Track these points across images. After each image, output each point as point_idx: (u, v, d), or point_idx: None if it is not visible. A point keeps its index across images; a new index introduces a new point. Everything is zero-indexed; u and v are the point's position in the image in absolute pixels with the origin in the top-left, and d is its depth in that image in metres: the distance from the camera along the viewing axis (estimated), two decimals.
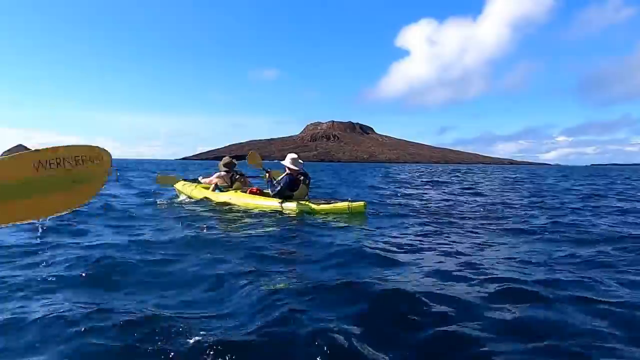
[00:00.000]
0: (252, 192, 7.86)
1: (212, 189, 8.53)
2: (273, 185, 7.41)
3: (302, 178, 7.39)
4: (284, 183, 7.24)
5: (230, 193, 8.14)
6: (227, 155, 9.40)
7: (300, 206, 7.00)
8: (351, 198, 7.17)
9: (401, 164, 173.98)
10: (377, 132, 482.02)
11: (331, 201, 7.17)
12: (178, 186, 9.55)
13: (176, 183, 9.73)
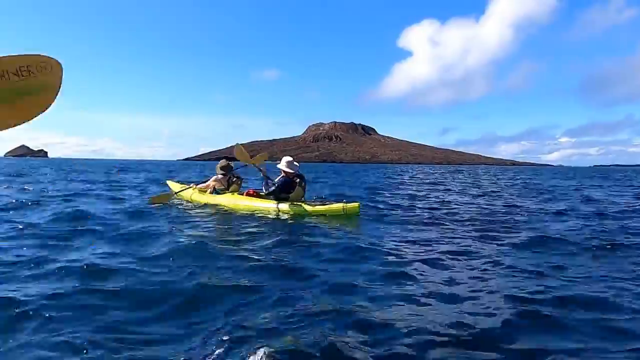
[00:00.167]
0: (249, 194, 7.93)
1: (210, 192, 8.57)
2: (267, 184, 7.51)
3: (298, 180, 7.48)
4: (280, 184, 7.33)
5: (227, 196, 8.21)
6: (225, 157, 9.27)
7: (296, 208, 7.11)
8: (346, 200, 7.25)
9: (403, 165, 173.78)
10: (379, 133, 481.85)
11: (326, 202, 7.26)
12: (175, 189, 9.49)
13: (170, 196, 9.06)
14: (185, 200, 8.91)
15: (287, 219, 6.78)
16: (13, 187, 12.21)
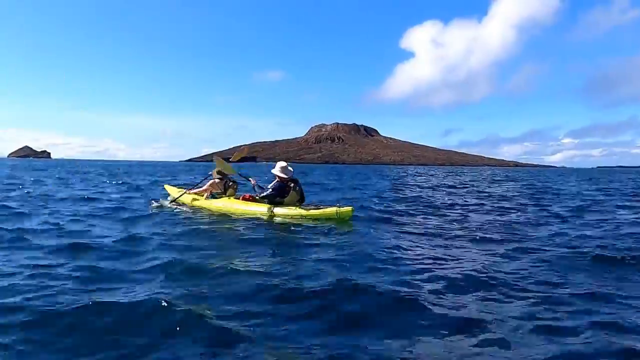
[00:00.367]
0: (245, 199, 8.02)
1: (206, 197, 8.64)
2: (261, 188, 7.72)
3: (292, 185, 7.60)
4: (275, 189, 7.50)
5: (223, 200, 8.30)
6: (226, 158, 9.41)
7: (290, 212, 7.23)
8: (339, 204, 7.37)
9: (405, 166, 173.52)
10: (382, 134, 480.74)
11: (320, 207, 7.38)
12: (173, 193, 9.68)
13: (170, 196, 9.53)
14: (183, 204, 8.96)
15: (282, 223, 6.85)
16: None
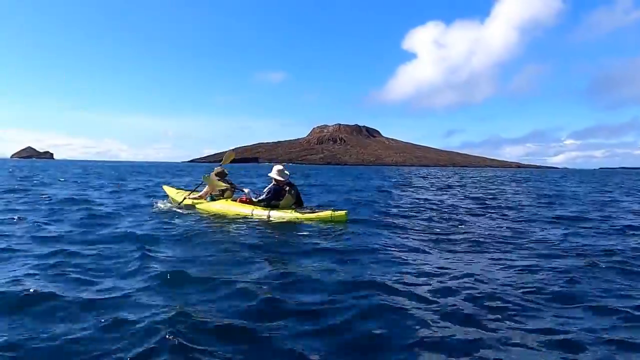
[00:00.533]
0: (242, 201, 8.17)
1: (205, 198, 8.84)
2: (256, 194, 7.97)
3: (288, 188, 7.79)
4: (271, 192, 7.65)
5: (222, 202, 8.46)
6: (220, 166, 9.65)
7: (286, 215, 7.41)
8: (334, 207, 7.51)
9: (407, 167, 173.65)
10: (384, 135, 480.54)
11: (315, 210, 7.55)
12: (172, 194, 10.03)
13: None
14: (181, 204, 9.12)
15: (278, 226, 6.96)
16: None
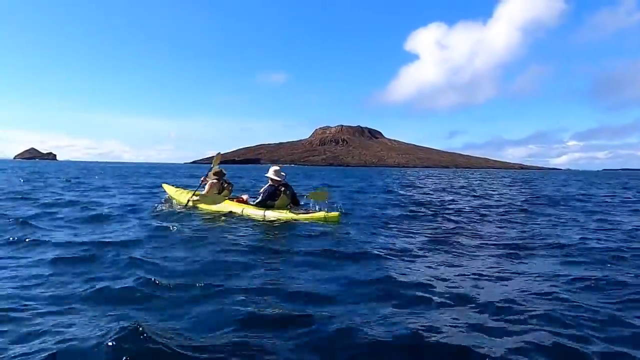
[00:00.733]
0: (239, 201, 8.41)
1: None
2: (254, 197, 8.11)
3: (283, 189, 7.94)
4: (266, 193, 7.83)
5: (218, 196, 8.63)
6: (217, 166, 9.83)
7: (281, 215, 7.57)
8: (327, 208, 7.65)
9: (410, 169, 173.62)
10: (386, 137, 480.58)
11: (309, 211, 7.74)
12: (171, 192, 10.39)
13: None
14: (181, 203, 9.44)
15: (272, 228, 7.04)
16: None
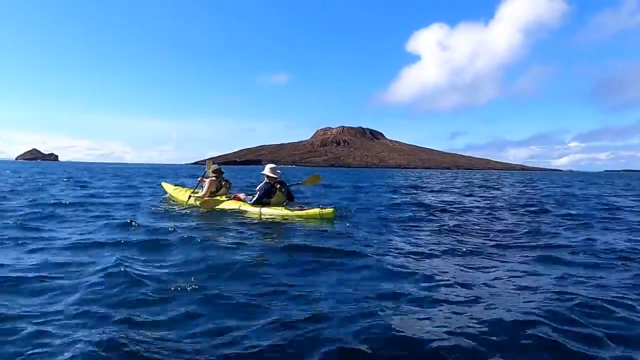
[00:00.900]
0: (236, 198, 8.62)
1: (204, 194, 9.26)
2: (251, 196, 8.24)
3: (279, 186, 8.06)
4: (262, 191, 7.96)
5: (217, 199, 8.76)
6: (213, 162, 10.16)
7: (277, 212, 7.71)
8: (322, 205, 7.78)
9: (411, 170, 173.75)
10: (387, 138, 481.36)
11: (305, 207, 7.84)
12: (169, 191, 10.62)
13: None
14: (180, 201, 9.67)
15: (269, 223, 7.13)
16: None
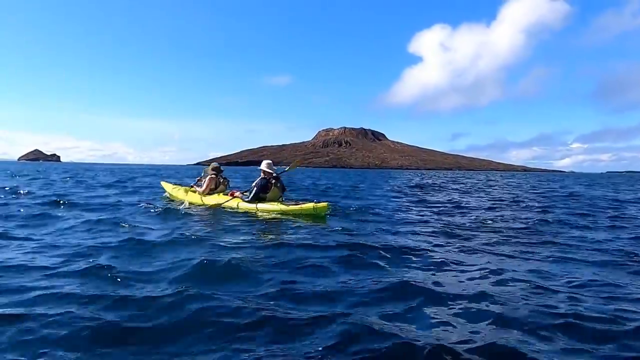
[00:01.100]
0: (233, 195, 8.74)
1: (204, 191, 9.45)
2: (247, 192, 8.39)
3: (274, 182, 8.27)
4: (259, 186, 8.15)
5: (215, 197, 9.16)
6: (214, 162, 10.18)
7: (272, 207, 7.92)
8: (316, 200, 7.91)
9: (413, 170, 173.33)
10: (389, 138, 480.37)
11: (299, 202, 8.00)
12: (168, 190, 10.77)
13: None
14: (178, 199, 9.86)
15: (265, 218, 7.44)
16: None
